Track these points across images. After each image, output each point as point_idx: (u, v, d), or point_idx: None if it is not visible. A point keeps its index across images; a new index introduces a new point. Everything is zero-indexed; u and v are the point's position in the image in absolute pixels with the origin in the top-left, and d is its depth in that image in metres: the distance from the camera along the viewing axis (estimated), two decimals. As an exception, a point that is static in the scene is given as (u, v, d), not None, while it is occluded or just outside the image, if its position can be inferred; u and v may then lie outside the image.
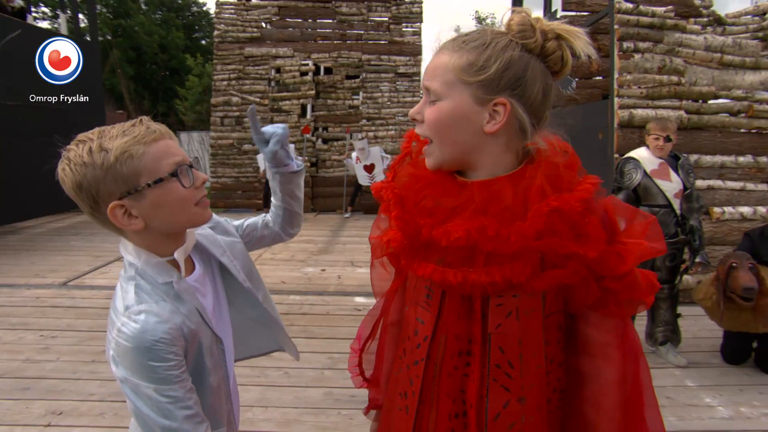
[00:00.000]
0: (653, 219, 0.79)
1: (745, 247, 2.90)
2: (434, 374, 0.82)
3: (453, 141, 0.76)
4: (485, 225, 0.72)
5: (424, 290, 0.84)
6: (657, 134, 2.80)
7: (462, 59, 0.73)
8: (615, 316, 0.79)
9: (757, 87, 4.09)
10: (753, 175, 4.13)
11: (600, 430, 0.78)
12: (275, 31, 8.95)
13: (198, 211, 0.87)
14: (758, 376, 2.86)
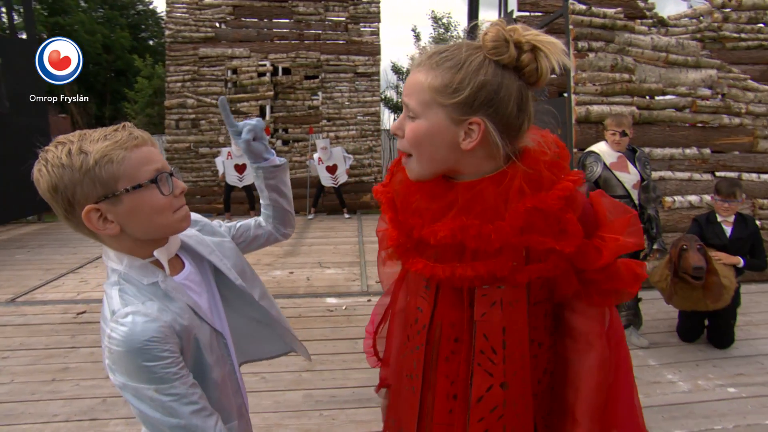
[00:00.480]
0: (634, 214, 0.84)
1: (694, 232, 3.08)
2: (432, 358, 0.88)
3: (431, 157, 0.80)
4: (467, 225, 0.78)
5: (422, 281, 0.90)
6: (613, 129, 2.96)
7: (437, 80, 0.76)
8: (599, 306, 0.85)
9: (699, 84, 4.38)
10: (698, 166, 4.42)
11: (577, 412, 0.83)
12: (230, 31, 8.73)
13: (174, 220, 0.86)
14: (710, 351, 3.07)
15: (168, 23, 8.63)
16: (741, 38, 5.83)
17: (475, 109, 0.76)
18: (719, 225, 3.03)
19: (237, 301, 1.07)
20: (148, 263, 0.86)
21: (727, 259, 2.89)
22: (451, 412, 0.87)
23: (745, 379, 2.74)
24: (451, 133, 0.78)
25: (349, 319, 3.68)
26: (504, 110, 0.76)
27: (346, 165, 8.11)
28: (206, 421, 0.80)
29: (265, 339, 1.18)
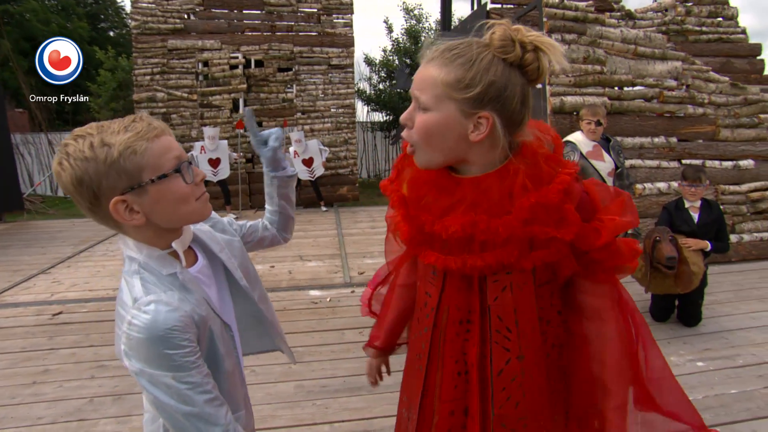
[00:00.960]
0: (627, 195, 0.91)
1: (664, 219, 3.24)
2: (439, 339, 0.95)
3: (440, 148, 0.85)
4: (477, 220, 0.84)
5: (430, 268, 0.96)
6: (589, 119, 3.07)
7: (450, 75, 0.81)
8: (605, 282, 0.92)
9: (666, 75, 4.56)
10: (666, 154, 4.62)
11: (607, 382, 0.90)
12: (200, 23, 8.51)
13: (198, 207, 0.88)
14: (681, 329, 3.25)
15: (134, 14, 8.35)
16: (702, 31, 6.10)
17: (485, 104, 0.81)
18: (687, 212, 3.19)
19: (239, 298, 1.09)
20: (166, 254, 0.88)
21: (696, 244, 3.06)
22: (456, 388, 0.94)
23: (712, 353, 2.91)
24: (461, 125, 0.83)
25: (334, 310, 3.70)
26: (510, 106, 0.82)
27: (322, 157, 8.07)
28: (218, 410, 0.82)
29: (255, 335, 1.21)
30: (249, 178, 8.73)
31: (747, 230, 4.87)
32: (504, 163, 0.86)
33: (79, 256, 5.53)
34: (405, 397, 1.09)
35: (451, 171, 0.91)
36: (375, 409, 2.38)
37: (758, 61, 6.40)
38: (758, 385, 2.55)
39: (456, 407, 0.95)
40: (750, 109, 5.01)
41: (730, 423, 2.24)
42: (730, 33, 6.30)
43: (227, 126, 8.53)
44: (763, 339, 3.09)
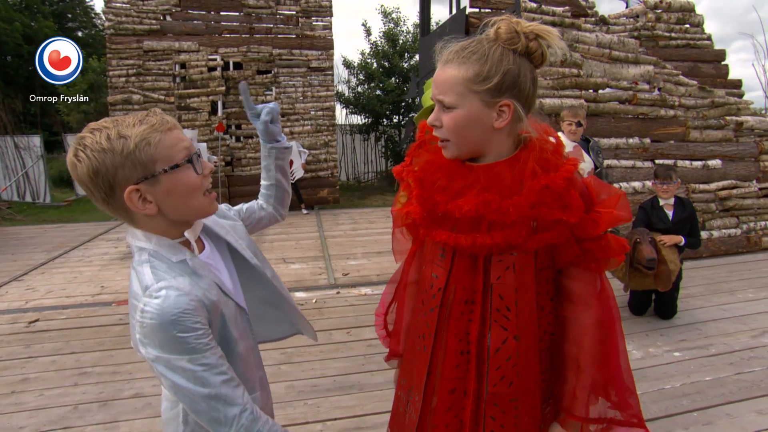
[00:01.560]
0: (623, 193, 0.98)
1: (641, 218, 3.37)
2: (445, 318, 1.00)
3: (469, 139, 0.92)
4: (489, 200, 0.90)
5: (438, 251, 1.01)
6: (570, 120, 3.17)
7: (469, 71, 0.88)
8: (593, 271, 0.98)
9: (639, 79, 4.73)
10: (640, 155, 4.79)
11: (581, 362, 0.96)
12: (177, 24, 8.38)
13: (206, 201, 0.91)
14: (657, 322, 3.38)
15: (108, 14, 8.16)
16: (671, 37, 6.34)
17: (504, 92, 0.88)
18: (662, 209, 3.33)
19: (250, 282, 1.11)
20: (175, 243, 0.90)
21: (671, 240, 3.19)
22: (458, 367, 0.99)
23: (687, 344, 3.04)
24: (487, 115, 0.90)
25: (321, 311, 3.71)
26: (525, 90, 0.90)
27: (301, 160, 8.04)
28: (235, 390, 0.85)
29: (273, 321, 1.23)
30: (228, 182, 8.63)
31: (716, 227, 5.08)
32: (513, 153, 0.94)
33: (53, 262, 5.38)
34: (404, 380, 1.12)
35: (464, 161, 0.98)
36: (366, 407, 2.40)
37: (722, 66, 6.69)
38: (730, 372, 2.68)
39: (457, 386, 1.00)
40: (717, 112, 5.24)
41: (706, 408, 2.35)
42: (697, 39, 6.57)
43: (205, 129, 8.43)
44: (733, 329, 3.24)
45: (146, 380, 2.68)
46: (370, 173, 12.83)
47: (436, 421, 1.02)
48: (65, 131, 13.22)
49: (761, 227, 5.23)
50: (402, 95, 11.59)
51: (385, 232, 6.58)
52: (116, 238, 6.54)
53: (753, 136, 5.41)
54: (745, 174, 5.27)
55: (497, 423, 0.96)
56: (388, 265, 4.91)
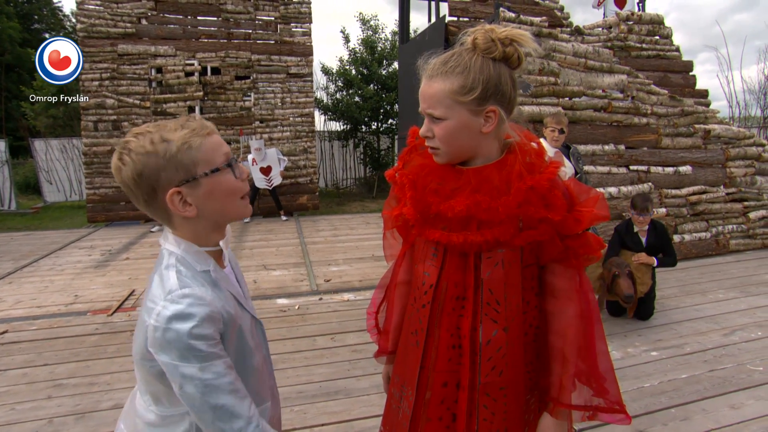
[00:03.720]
0: (601, 194, 1.05)
1: (615, 241, 3.55)
2: (437, 314, 1.05)
3: (460, 146, 0.99)
4: (480, 200, 0.96)
5: (431, 250, 1.06)
6: (553, 126, 3.26)
7: (454, 85, 0.94)
8: (574, 267, 1.04)
9: (613, 87, 4.89)
10: (616, 161, 4.93)
11: (566, 352, 1.02)
12: (153, 28, 8.24)
13: (242, 204, 0.94)
14: (635, 323, 3.47)
15: (79, 16, 7.96)
16: (642, 48, 6.58)
17: (488, 99, 0.95)
18: (636, 235, 3.52)
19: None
20: (203, 251, 0.92)
21: (646, 260, 3.39)
22: (450, 360, 1.04)
23: (664, 343, 3.14)
24: (475, 122, 0.96)
25: (304, 317, 3.68)
26: (506, 93, 0.96)
27: (280, 167, 7.99)
28: (242, 402, 0.85)
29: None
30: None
31: (687, 231, 5.27)
32: (500, 157, 1.00)
33: (22, 271, 5.18)
34: (397, 377, 1.16)
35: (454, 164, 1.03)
36: (354, 411, 2.39)
37: (691, 76, 6.97)
38: (704, 369, 2.78)
39: (449, 379, 1.04)
40: (686, 120, 5.45)
41: (683, 404, 2.43)
42: (667, 50, 6.84)
43: (182, 134, 8.27)
44: (706, 328, 3.36)
45: (126, 390, 2.60)
46: (349, 180, 12.82)
47: (429, 414, 1.05)
48: (32, 136, 12.78)
49: (729, 231, 5.44)
50: (380, 102, 11.65)
51: (366, 237, 6.58)
52: (90, 246, 6.35)
53: (719, 143, 5.65)
54: (714, 179, 5.49)
55: (489, 411, 1.01)
56: (370, 271, 4.91)
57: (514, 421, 1.03)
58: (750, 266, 4.94)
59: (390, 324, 1.24)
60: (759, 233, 5.59)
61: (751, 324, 3.43)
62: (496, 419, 1.02)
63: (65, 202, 11.25)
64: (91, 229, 7.62)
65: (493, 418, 1.01)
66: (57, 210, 10.29)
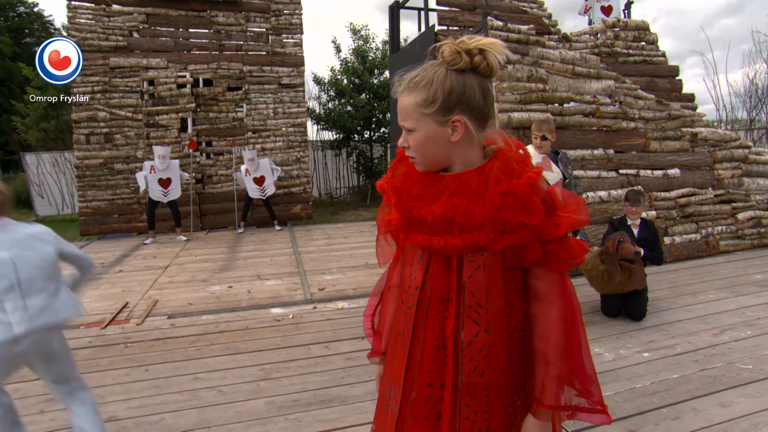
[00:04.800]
0: (582, 200, 1.08)
1: (610, 231, 3.74)
2: (422, 315, 1.08)
3: (432, 155, 1.04)
4: (458, 204, 0.99)
5: (417, 253, 1.10)
6: (535, 134, 3.34)
7: (418, 98, 1.00)
8: (556, 271, 1.06)
9: (601, 93, 4.96)
10: (605, 165, 4.99)
11: (549, 355, 1.04)
12: (144, 41, 8.27)
13: None
14: (627, 325, 3.50)
15: (71, 30, 7.98)
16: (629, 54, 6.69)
17: (452, 109, 0.98)
18: (629, 228, 3.70)
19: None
20: None
21: (635, 247, 3.48)
22: (435, 361, 1.06)
23: (655, 344, 3.16)
24: (442, 132, 1.00)
25: (298, 326, 3.68)
26: (473, 103, 0.99)
27: (273, 176, 8.00)
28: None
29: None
30: (200, 199, 8.49)
31: (678, 233, 5.33)
32: (482, 163, 1.03)
33: (14, 285, 5.14)
34: (387, 376, 1.18)
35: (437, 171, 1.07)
36: (348, 419, 2.39)
37: (677, 81, 7.08)
38: (695, 369, 2.81)
39: (434, 379, 1.06)
40: (673, 123, 5.53)
41: (675, 404, 2.45)
42: (653, 56, 6.95)
43: (175, 146, 8.29)
44: (696, 329, 3.39)
45: (120, 403, 2.60)
46: (342, 188, 12.85)
47: (415, 413, 1.08)
48: (23, 150, 12.72)
49: (718, 232, 5.50)
50: (372, 111, 11.72)
51: (360, 246, 6.59)
52: (82, 259, 6.31)
53: (707, 146, 5.73)
54: (702, 182, 5.56)
55: (471, 410, 1.03)
56: (364, 279, 4.91)
57: (497, 421, 1.05)
58: (739, 266, 5.00)
59: (384, 326, 1.27)
60: (748, 234, 5.66)
61: (741, 323, 3.47)
62: (478, 418, 1.03)
63: (57, 215, 11.20)
64: (84, 243, 7.58)
65: (476, 417, 1.03)
66: (49, 224, 10.21)
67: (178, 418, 2.44)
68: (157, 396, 2.66)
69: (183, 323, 3.80)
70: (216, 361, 3.09)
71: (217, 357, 3.15)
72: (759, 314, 3.64)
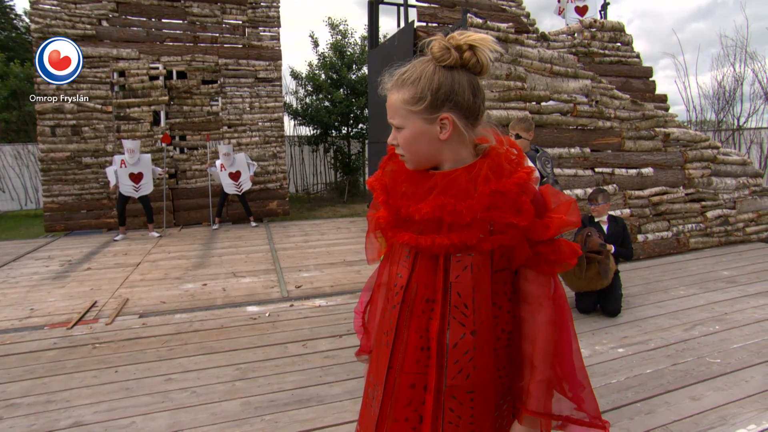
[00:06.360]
0: (573, 200, 1.06)
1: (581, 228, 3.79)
2: (407, 315, 1.05)
3: (420, 152, 1.01)
4: (445, 203, 0.96)
5: (404, 252, 1.07)
6: (510, 132, 3.35)
7: (406, 95, 0.97)
8: (546, 274, 1.04)
9: (578, 92, 5.02)
10: (581, 163, 5.06)
11: (535, 359, 1.01)
12: (114, 30, 7.98)
13: None
14: (602, 321, 3.56)
15: (33, 16, 7.62)
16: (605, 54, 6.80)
17: (440, 107, 0.96)
18: (599, 224, 3.83)
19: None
20: None
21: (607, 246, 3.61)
22: (418, 362, 1.04)
23: (629, 340, 3.22)
24: (430, 130, 0.98)
25: (275, 325, 3.61)
26: (462, 100, 0.96)
27: (250, 172, 7.85)
28: None
29: None
30: (173, 194, 8.26)
31: (650, 230, 5.45)
32: (472, 161, 1.00)
33: (-27, 283, 4.90)
34: (371, 376, 1.16)
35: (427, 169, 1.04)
36: (326, 419, 2.35)
37: (650, 81, 7.25)
38: (667, 364, 2.87)
39: (417, 381, 1.03)
40: (647, 123, 5.65)
41: (648, 398, 2.50)
42: (628, 57, 7.09)
43: (147, 140, 8.05)
44: (668, 324, 3.47)
45: (87, 407, 2.49)
46: (319, 185, 12.73)
47: (396, 414, 1.05)
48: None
49: (688, 230, 5.66)
50: (350, 107, 11.63)
51: (337, 243, 6.53)
52: (47, 256, 6.07)
53: (678, 146, 5.88)
54: (674, 181, 5.71)
55: (455, 414, 1.01)
56: (342, 276, 4.87)
57: (482, 426, 1.02)
58: (708, 263, 5.15)
59: (373, 323, 1.25)
60: (716, 231, 5.84)
61: (710, 319, 3.57)
62: (462, 422, 1.01)
63: (20, 210, 10.74)
64: (49, 239, 7.29)
65: (459, 421, 1.01)
66: (11, 219, 9.80)
67: (150, 421, 2.35)
68: (127, 399, 2.56)
69: (155, 322, 3.68)
70: (190, 361, 3.00)
71: (191, 357, 3.05)
72: (726, 309, 3.75)
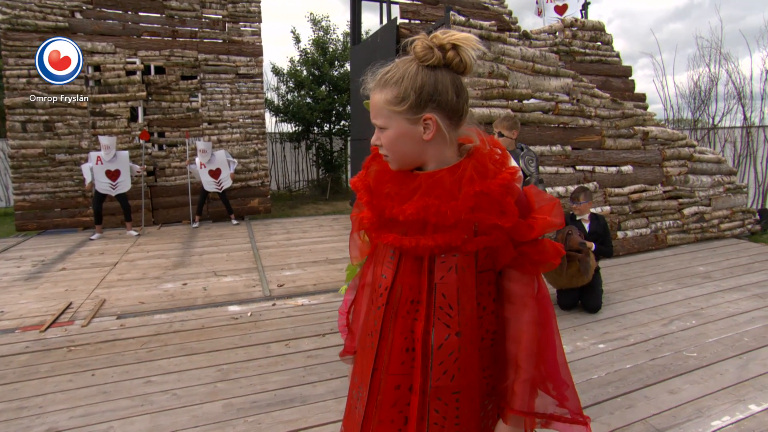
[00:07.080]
0: (557, 201, 1.06)
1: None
2: (391, 316, 1.04)
3: (403, 153, 1.00)
4: (430, 204, 0.95)
5: (389, 253, 1.06)
6: (494, 131, 3.35)
7: (388, 95, 0.96)
8: (530, 274, 1.04)
9: (559, 90, 5.07)
10: (563, 161, 5.12)
11: (519, 359, 1.01)
12: (89, 23, 7.75)
13: None
14: (583, 317, 3.61)
15: (2, 6, 7.35)
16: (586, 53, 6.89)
17: (423, 107, 0.95)
18: (580, 222, 3.88)
19: None
20: None
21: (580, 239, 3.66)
22: (403, 364, 1.03)
23: (610, 335, 3.28)
24: (413, 130, 0.97)
25: (257, 324, 3.56)
26: (446, 100, 0.95)
27: (230, 169, 7.74)
28: None
29: None
30: (152, 192, 8.09)
31: (630, 227, 5.55)
32: (456, 162, 0.99)
33: (-59, 285, 4.71)
34: (356, 377, 1.15)
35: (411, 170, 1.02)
36: (310, 419, 2.32)
37: (630, 80, 7.38)
38: (646, 359, 2.93)
39: (402, 382, 1.03)
40: (627, 122, 5.75)
41: (628, 392, 2.54)
42: (608, 56, 7.20)
43: (125, 136, 7.85)
44: (648, 319, 3.54)
45: (62, 412, 2.41)
46: (301, 182, 12.62)
47: (381, 416, 1.04)
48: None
49: (666, 226, 5.79)
50: (332, 103, 11.55)
51: (320, 241, 6.49)
52: (19, 257, 5.88)
53: (657, 144, 6.00)
54: (652, 178, 5.82)
55: (440, 415, 1.00)
56: (324, 275, 4.83)
57: (468, 426, 1.02)
58: (685, 259, 5.27)
59: (357, 324, 1.23)
60: (692, 228, 5.98)
61: (687, 314, 3.65)
62: (447, 423, 1.01)
63: (-9, 209, 10.39)
64: (21, 239, 7.06)
65: (444, 422, 1.01)
66: (-18, 218, 9.48)
67: (128, 425, 2.29)
68: (104, 403, 2.49)
69: (134, 323, 3.60)
70: (170, 362, 2.93)
71: (171, 358, 2.99)
72: (702, 304, 3.84)
